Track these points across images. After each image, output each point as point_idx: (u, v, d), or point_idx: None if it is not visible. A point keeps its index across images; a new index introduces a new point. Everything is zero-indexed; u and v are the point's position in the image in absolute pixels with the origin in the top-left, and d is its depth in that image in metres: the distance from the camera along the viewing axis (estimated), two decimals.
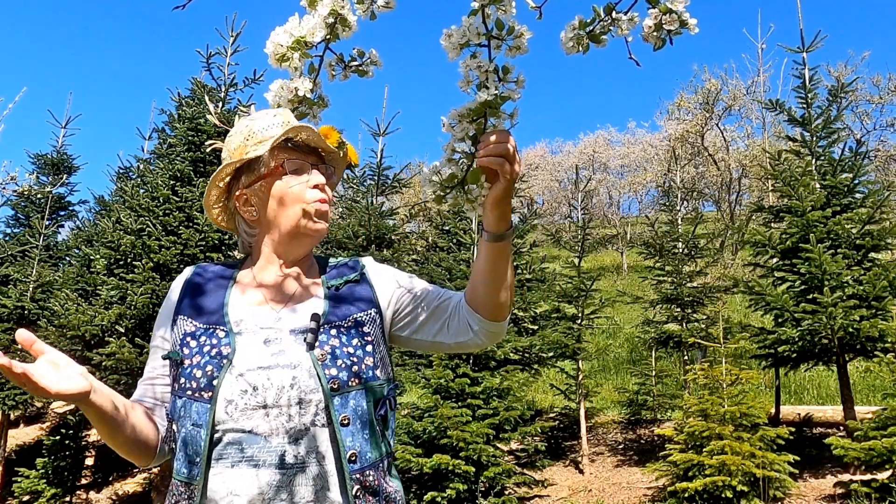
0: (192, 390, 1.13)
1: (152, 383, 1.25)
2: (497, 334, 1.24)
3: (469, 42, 0.81)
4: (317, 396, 1.12)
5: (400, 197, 18.00)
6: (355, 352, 1.18)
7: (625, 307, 11.07)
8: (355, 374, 1.16)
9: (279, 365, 1.13)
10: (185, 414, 1.13)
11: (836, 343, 5.52)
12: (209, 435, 1.10)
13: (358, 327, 1.21)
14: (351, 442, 1.12)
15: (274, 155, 1.23)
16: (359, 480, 1.12)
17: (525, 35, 0.81)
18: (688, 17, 0.71)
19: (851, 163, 6.18)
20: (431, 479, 5.38)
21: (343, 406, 1.13)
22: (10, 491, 6.67)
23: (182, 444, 1.13)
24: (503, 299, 1.19)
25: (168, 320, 1.25)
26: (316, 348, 1.15)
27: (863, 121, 19.25)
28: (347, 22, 0.78)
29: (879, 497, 4.74)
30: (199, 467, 1.10)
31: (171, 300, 1.27)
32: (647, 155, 23.96)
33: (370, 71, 0.88)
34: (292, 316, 1.21)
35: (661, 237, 8.33)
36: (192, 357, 1.16)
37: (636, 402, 7.61)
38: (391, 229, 7.52)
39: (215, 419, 1.10)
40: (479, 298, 1.20)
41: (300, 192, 1.23)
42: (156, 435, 1.20)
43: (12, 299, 7.74)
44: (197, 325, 1.20)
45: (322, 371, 1.13)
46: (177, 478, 1.14)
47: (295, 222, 1.24)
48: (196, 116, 6.58)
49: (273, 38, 0.80)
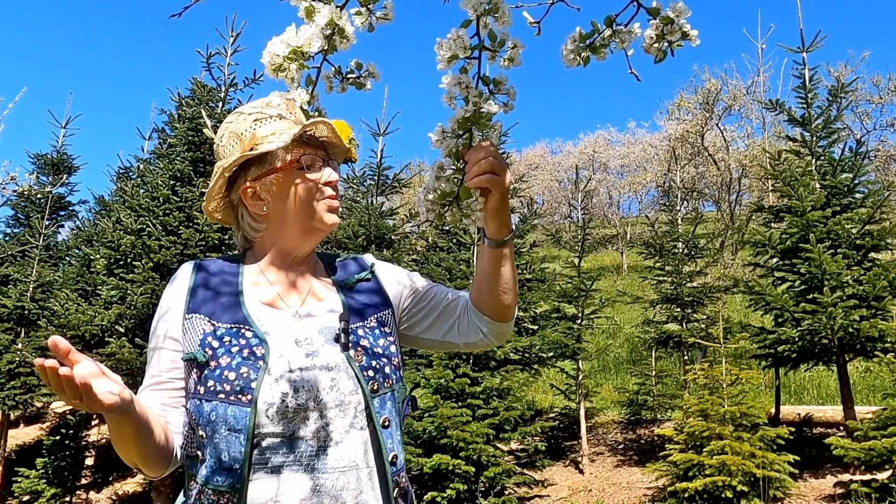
0: (224, 393, 1.06)
1: (160, 388, 1.15)
2: (504, 334, 1.26)
3: (457, 55, 0.80)
4: (356, 398, 1.11)
5: (400, 197, 17.99)
6: (384, 352, 1.17)
7: (625, 307, 11.07)
8: (388, 375, 1.15)
9: (316, 366, 1.10)
10: (217, 419, 1.06)
11: (836, 343, 5.52)
12: (248, 440, 1.04)
13: (381, 327, 1.20)
14: (391, 444, 1.12)
15: (288, 149, 1.19)
16: (397, 483, 1.12)
17: (519, 47, 0.80)
18: (689, 27, 0.71)
19: (851, 163, 6.17)
20: (431, 479, 5.38)
21: (382, 407, 1.12)
22: (10, 491, 6.67)
23: (214, 451, 1.06)
24: (509, 301, 1.21)
25: (176, 320, 1.16)
26: (350, 349, 1.13)
27: (863, 121, 19.24)
28: (345, 34, 0.78)
29: (879, 497, 4.74)
30: (240, 475, 1.04)
31: (176, 298, 1.19)
32: (647, 155, 23.94)
33: (368, 83, 0.87)
34: (315, 316, 1.18)
35: (661, 237, 8.33)
36: (218, 358, 1.08)
37: (636, 402, 7.61)
38: (391, 229, 7.52)
39: (255, 423, 1.05)
40: (485, 301, 1.22)
41: (316, 188, 1.20)
42: (173, 443, 1.12)
43: (12, 299, 7.74)
44: (217, 325, 1.13)
45: (360, 372, 1.12)
46: (209, 486, 1.06)
47: (310, 218, 1.21)
48: (196, 116, 6.58)
49: (270, 48, 0.79)
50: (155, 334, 1.18)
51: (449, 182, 0.91)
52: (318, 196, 1.20)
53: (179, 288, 1.20)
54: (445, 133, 0.86)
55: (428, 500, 5.23)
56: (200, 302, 1.17)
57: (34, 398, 7.32)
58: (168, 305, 1.19)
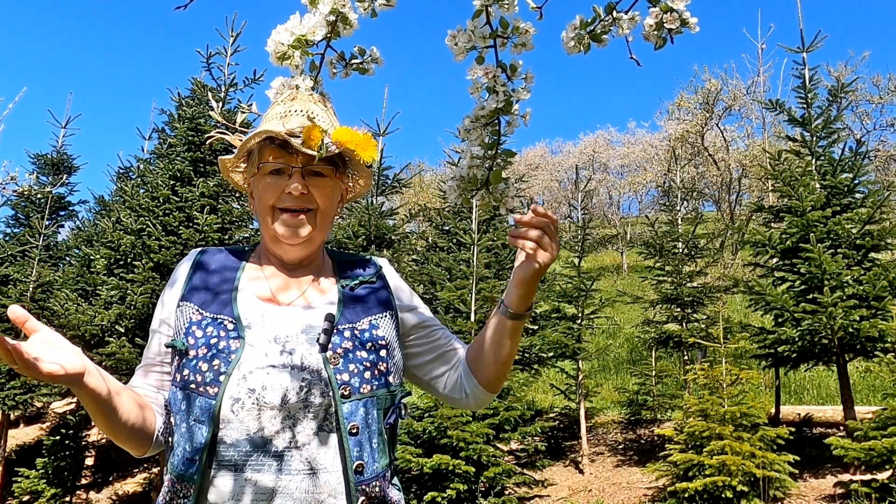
0: (195, 384, 1.06)
1: (149, 370, 1.18)
2: (484, 402, 1.25)
3: (475, 45, 0.81)
4: (325, 401, 1.07)
5: (400, 197, 18.00)
6: (368, 356, 1.12)
7: (625, 307, 11.08)
8: (367, 380, 1.10)
9: (289, 365, 1.08)
10: (187, 408, 1.07)
11: (836, 343, 5.52)
12: (211, 433, 1.04)
13: (372, 330, 1.16)
14: (358, 452, 1.07)
15: (261, 151, 1.15)
16: (364, 492, 1.07)
17: (530, 31, 0.81)
18: (688, 15, 0.72)
19: (851, 163, 6.18)
20: (431, 479, 5.38)
21: (353, 414, 1.08)
22: (10, 491, 6.67)
23: (181, 439, 1.07)
24: (502, 374, 1.22)
25: (172, 305, 1.18)
26: (328, 350, 1.10)
27: (863, 121, 19.27)
28: (349, 20, 0.78)
29: (879, 497, 4.74)
30: (198, 466, 1.03)
31: (176, 284, 1.20)
32: (647, 155, 23.97)
33: (371, 69, 0.88)
34: (304, 313, 1.15)
35: (661, 237, 8.33)
36: (197, 348, 1.09)
37: (636, 402, 7.61)
38: (391, 229, 7.52)
39: (220, 417, 1.04)
40: (480, 366, 1.21)
41: (270, 199, 1.15)
42: (153, 424, 1.13)
43: (12, 299, 7.74)
44: (203, 314, 1.13)
45: (333, 375, 1.08)
46: (173, 473, 1.07)
47: (270, 231, 1.17)
48: (196, 116, 6.58)
49: (274, 36, 0.80)
50: (154, 317, 1.21)
51: (479, 169, 0.92)
52: (273, 207, 1.15)
53: (180, 275, 1.21)
54: (475, 123, 0.88)
55: (428, 500, 5.22)
56: (195, 290, 1.17)
57: (34, 398, 7.32)
58: (168, 290, 1.21)
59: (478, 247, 6.54)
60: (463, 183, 0.92)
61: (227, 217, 6.30)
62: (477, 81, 0.84)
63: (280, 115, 1.11)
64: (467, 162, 0.91)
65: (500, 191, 0.93)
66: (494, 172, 0.91)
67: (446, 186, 1.01)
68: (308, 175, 1.15)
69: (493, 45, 0.82)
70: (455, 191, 0.93)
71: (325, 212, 1.18)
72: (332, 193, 1.19)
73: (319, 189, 1.16)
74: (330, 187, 1.18)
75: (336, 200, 1.22)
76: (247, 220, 6.71)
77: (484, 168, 0.91)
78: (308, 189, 1.14)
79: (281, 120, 1.11)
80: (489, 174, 0.91)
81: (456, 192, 0.93)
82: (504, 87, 0.83)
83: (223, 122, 1.06)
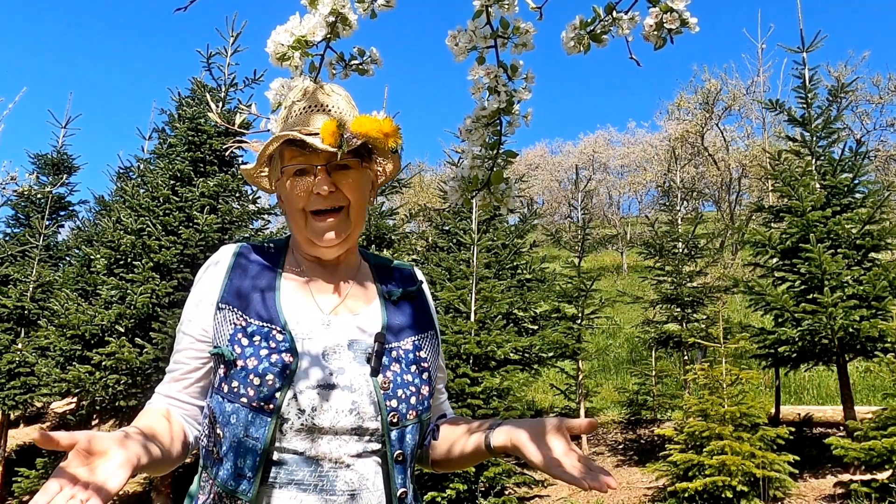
0: (247, 398, 1.02)
1: (182, 377, 1.12)
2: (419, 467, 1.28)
3: (476, 46, 0.81)
4: (374, 426, 1.05)
5: (400, 197, 18.00)
6: (413, 380, 1.10)
7: (625, 307, 11.08)
8: (413, 406, 1.09)
9: (339, 385, 1.05)
10: (238, 422, 1.03)
11: (836, 343, 5.52)
12: (266, 451, 1.02)
13: (416, 351, 1.13)
14: (402, 480, 1.07)
15: (282, 153, 1.11)
16: None
17: (530, 32, 0.81)
18: (688, 15, 0.72)
19: (851, 163, 6.18)
20: (431, 479, 5.38)
21: (399, 441, 1.07)
22: (10, 491, 6.67)
23: (230, 453, 1.03)
24: (450, 471, 1.28)
25: (209, 307, 1.11)
26: (379, 373, 1.07)
27: (863, 121, 19.30)
28: (348, 20, 0.78)
29: (879, 497, 4.74)
30: (252, 483, 1.01)
31: (212, 283, 1.13)
32: (647, 155, 23.98)
33: (370, 69, 0.88)
34: (349, 323, 1.12)
35: (661, 237, 8.34)
36: (246, 359, 1.04)
37: (636, 402, 7.61)
38: (391, 229, 7.52)
39: (272, 435, 1.02)
40: (436, 462, 1.21)
41: (299, 203, 1.10)
42: (188, 443, 1.10)
43: (12, 299, 7.74)
44: (249, 321, 1.07)
45: (384, 401, 1.05)
46: (220, 487, 1.04)
47: (303, 234, 1.12)
48: (196, 116, 6.59)
49: (274, 37, 0.80)
50: (185, 317, 1.14)
51: (480, 169, 0.92)
52: (303, 210, 1.11)
53: (216, 274, 1.14)
54: (476, 123, 0.88)
55: (428, 500, 5.23)
56: (236, 293, 1.11)
57: (34, 398, 7.32)
58: (202, 289, 1.14)
59: (478, 247, 6.55)
60: (464, 183, 0.92)
61: (227, 217, 6.31)
62: (478, 82, 0.84)
63: (296, 113, 1.09)
64: (468, 162, 0.91)
65: (502, 191, 0.93)
66: (496, 173, 0.92)
67: (447, 187, 1.01)
68: (334, 171, 1.10)
69: (494, 46, 0.82)
70: (456, 191, 0.93)
71: (357, 205, 1.13)
72: (361, 185, 1.14)
73: (348, 184, 1.11)
74: (358, 179, 1.13)
75: (367, 191, 1.16)
76: (247, 220, 6.71)
77: (485, 168, 0.91)
78: (336, 186, 1.10)
79: (298, 118, 1.08)
80: (490, 174, 0.92)
81: (457, 192, 0.93)
82: (506, 88, 0.83)
83: (222, 123, 1.06)
